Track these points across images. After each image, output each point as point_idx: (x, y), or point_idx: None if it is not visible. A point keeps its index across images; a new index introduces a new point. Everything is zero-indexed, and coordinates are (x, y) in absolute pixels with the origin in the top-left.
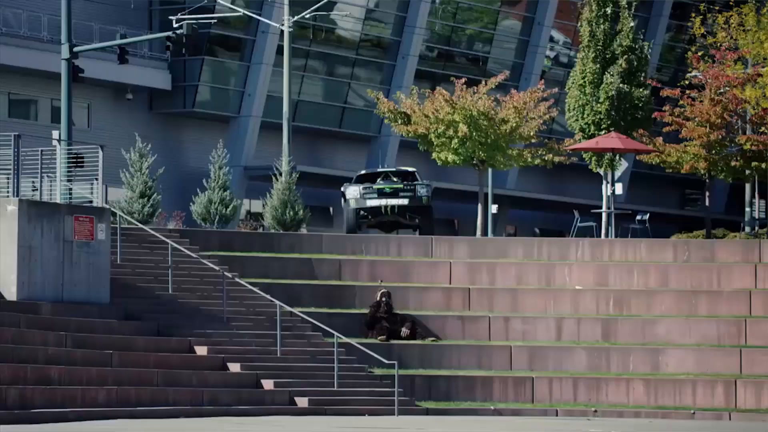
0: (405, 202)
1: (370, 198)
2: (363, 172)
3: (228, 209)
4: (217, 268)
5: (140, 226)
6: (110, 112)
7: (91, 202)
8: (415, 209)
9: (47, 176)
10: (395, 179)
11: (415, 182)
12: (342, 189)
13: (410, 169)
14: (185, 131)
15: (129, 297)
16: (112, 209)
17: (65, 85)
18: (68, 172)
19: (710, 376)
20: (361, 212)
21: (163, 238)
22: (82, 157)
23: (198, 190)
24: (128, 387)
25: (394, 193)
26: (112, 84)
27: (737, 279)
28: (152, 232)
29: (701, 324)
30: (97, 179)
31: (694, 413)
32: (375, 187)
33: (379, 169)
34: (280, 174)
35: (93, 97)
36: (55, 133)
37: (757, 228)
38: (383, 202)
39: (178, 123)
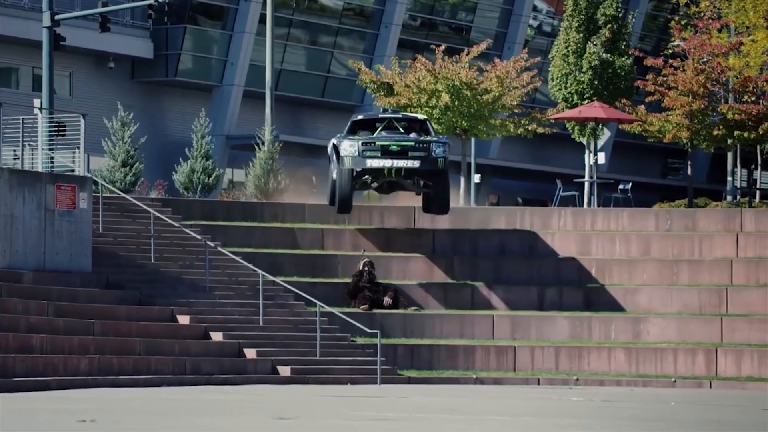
0: (416, 164)
1: (371, 157)
2: (359, 117)
3: (210, 178)
4: (199, 237)
5: (122, 195)
6: (92, 81)
7: (72, 170)
8: (427, 173)
9: (29, 145)
10: (402, 129)
11: (428, 137)
12: (333, 142)
13: (420, 116)
14: (167, 100)
15: (111, 266)
16: (94, 178)
17: (47, 53)
18: (50, 140)
19: (691, 345)
20: (358, 175)
21: (146, 207)
22: (64, 126)
23: (180, 159)
24: (110, 356)
25: (403, 153)
26: (94, 52)
27: (719, 248)
28: (134, 201)
29: (683, 293)
30: (78, 148)
31: (674, 381)
32: (378, 143)
33: (380, 114)
34: (263, 143)
35: (75, 66)
36: (36, 102)
37: (738, 197)
38: (388, 163)
39: (160, 92)
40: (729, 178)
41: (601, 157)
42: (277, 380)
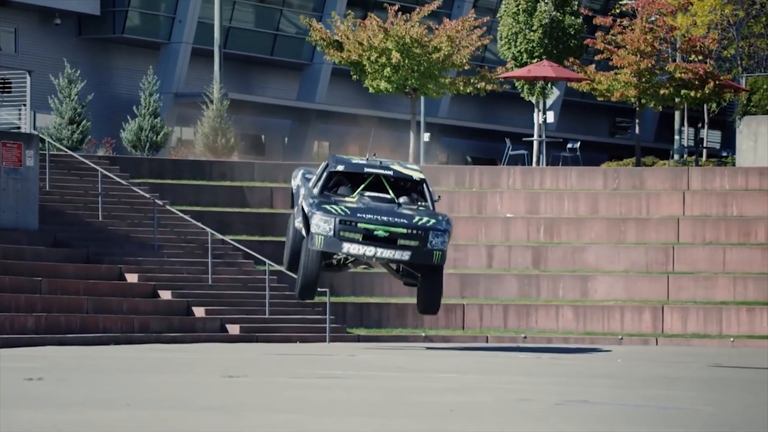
0: (405, 257)
1: (349, 240)
2: (338, 167)
3: (158, 136)
4: (147, 195)
5: (69, 152)
6: (38, 37)
7: (18, 128)
8: (419, 267)
9: None
10: (391, 191)
11: (425, 220)
12: (297, 184)
13: (417, 175)
14: (115, 57)
15: (58, 224)
16: (41, 135)
17: None
18: None
19: (638, 302)
20: (329, 259)
21: (93, 165)
22: (10, 83)
23: (128, 117)
24: (58, 314)
25: (390, 241)
26: (39, 8)
27: (666, 206)
28: (82, 159)
29: (630, 251)
30: (24, 105)
31: (621, 338)
32: (361, 224)
33: (365, 169)
34: (211, 101)
35: (20, 22)
36: None
37: (685, 156)
38: (370, 251)
39: (108, 49)
40: (676, 137)
41: (550, 116)
42: (226, 338)
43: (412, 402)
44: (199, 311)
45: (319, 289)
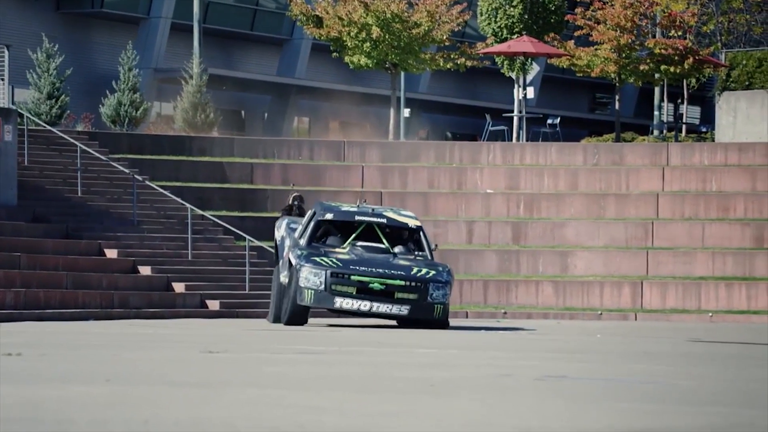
0: (404, 312)
1: (342, 294)
2: (327, 216)
3: (138, 111)
4: (127, 170)
5: (48, 127)
6: (16, 12)
7: None
8: (419, 322)
9: None
10: (385, 240)
11: (424, 271)
12: (282, 234)
13: (412, 222)
14: (94, 32)
15: (37, 199)
16: (19, 110)
17: None
18: None
19: (617, 278)
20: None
21: (72, 141)
22: None
23: (107, 92)
24: (37, 289)
25: (387, 294)
26: None
27: (645, 182)
28: (60, 134)
29: (609, 226)
30: (2, 80)
31: (600, 314)
32: (354, 277)
33: (356, 217)
34: (191, 76)
35: None
36: None
37: (665, 131)
38: (365, 306)
39: (87, 24)
40: (655, 113)
41: (530, 92)
42: (206, 314)
43: (392, 377)
44: (178, 287)
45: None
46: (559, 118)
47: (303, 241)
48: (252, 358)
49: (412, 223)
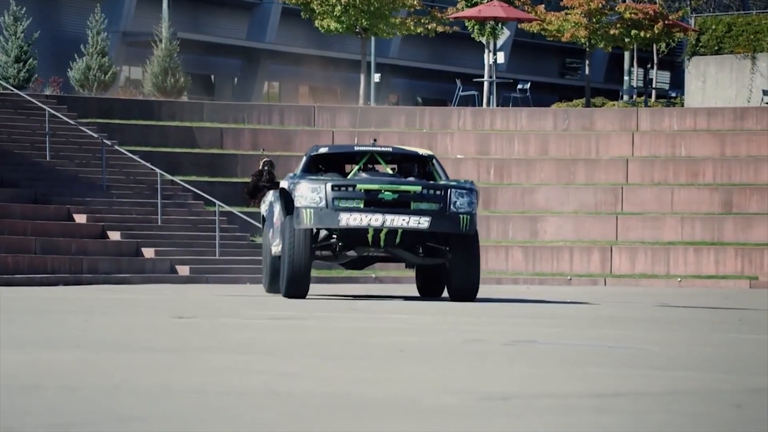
0: (424, 224)
1: (349, 209)
2: (322, 150)
3: (107, 75)
4: (95, 135)
5: (16, 91)
6: None
7: None
8: (443, 238)
9: None
10: (391, 171)
11: (438, 181)
12: (270, 221)
13: (423, 151)
14: None
15: (5, 164)
16: None
17: None
18: None
19: (587, 243)
20: (324, 240)
21: (40, 105)
22: None
23: (75, 55)
24: (5, 254)
25: (401, 204)
26: None
27: (615, 147)
28: (28, 98)
29: (579, 192)
30: None
31: (570, 279)
32: (361, 186)
33: (356, 147)
34: (160, 40)
35: None
36: None
37: (634, 96)
38: (376, 220)
39: None
40: (625, 78)
41: (500, 57)
42: (176, 280)
43: (363, 343)
44: (148, 252)
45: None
46: (529, 84)
47: (295, 176)
48: (223, 323)
49: (423, 151)
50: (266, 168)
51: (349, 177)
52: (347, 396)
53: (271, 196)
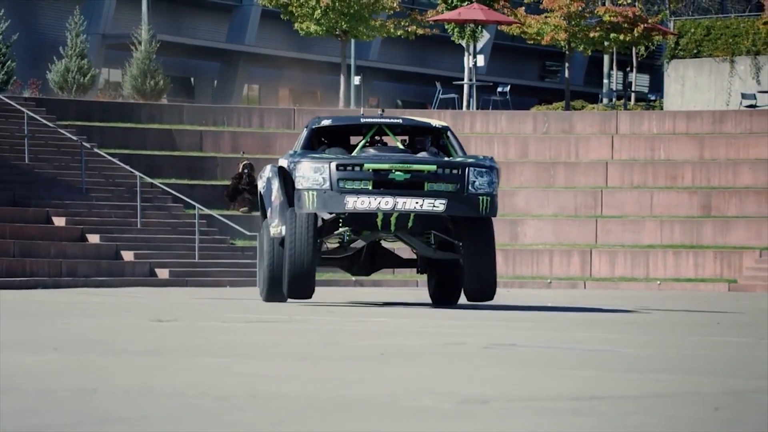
0: (440, 207)
1: (355, 191)
2: (325, 122)
3: (86, 78)
4: (75, 137)
5: None
6: None
7: None
8: (459, 222)
9: None
10: (401, 146)
11: (453, 158)
12: (269, 201)
13: (437, 122)
14: None
15: None
16: None
17: None
18: None
19: (567, 246)
20: (331, 226)
21: (19, 107)
22: None
23: (54, 58)
24: None
25: (414, 185)
26: None
27: (594, 150)
28: (7, 101)
29: (559, 195)
30: None
31: (550, 282)
32: (369, 165)
33: (362, 119)
34: (140, 43)
35: None
36: None
37: (614, 100)
38: (386, 203)
39: None
40: (605, 81)
41: (480, 60)
42: (156, 282)
43: (344, 345)
44: (127, 255)
45: (248, 233)
46: (509, 86)
47: (294, 155)
48: (203, 326)
49: (437, 122)
50: (246, 171)
51: (354, 153)
52: (328, 398)
53: (268, 171)
